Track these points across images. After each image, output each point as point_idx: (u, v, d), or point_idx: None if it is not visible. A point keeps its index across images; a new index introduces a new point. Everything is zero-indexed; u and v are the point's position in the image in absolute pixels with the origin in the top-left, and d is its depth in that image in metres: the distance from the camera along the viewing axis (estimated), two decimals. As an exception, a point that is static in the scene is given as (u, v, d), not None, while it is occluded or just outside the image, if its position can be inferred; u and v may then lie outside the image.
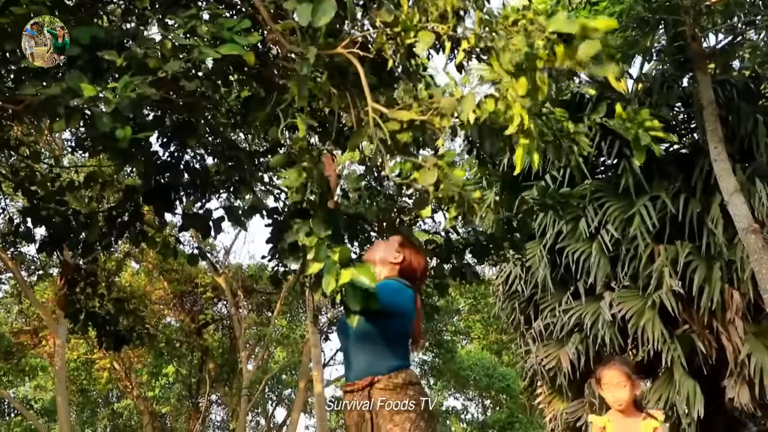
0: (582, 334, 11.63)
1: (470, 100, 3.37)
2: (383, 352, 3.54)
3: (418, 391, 3.48)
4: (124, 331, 6.53)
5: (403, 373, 3.50)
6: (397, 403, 3.41)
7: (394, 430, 3.37)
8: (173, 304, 21.19)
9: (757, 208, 10.59)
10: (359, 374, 3.57)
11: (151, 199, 5.38)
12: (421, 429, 3.39)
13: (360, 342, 3.59)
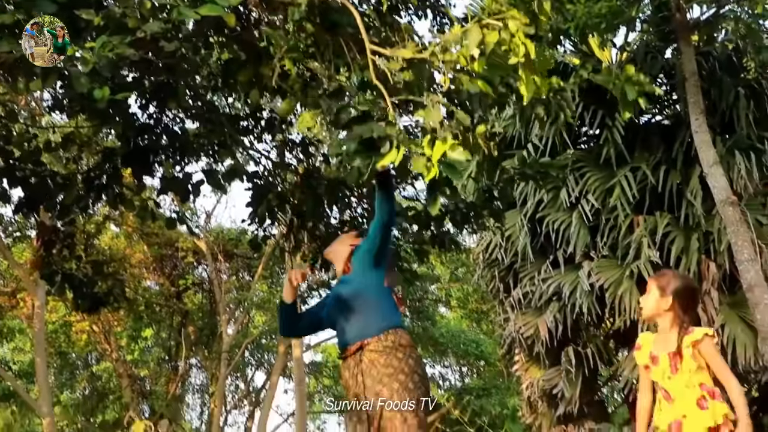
0: (560, 302, 11.71)
1: (475, 31, 3.33)
2: (371, 314, 3.58)
3: (408, 352, 3.52)
4: (101, 293, 6.49)
5: (392, 334, 3.54)
6: (387, 364, 3.44)
7: (383, 391, 3.40)
8: (153, 267, 21.11)
9: (735, 181, 10.66)
10: (352, 339, 3.60)
11: (129, 161, 5.33)
12: (409, 390, 3.42)
13: (348, 307, 3.62)
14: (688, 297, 3.84)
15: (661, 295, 3.80)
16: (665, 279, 3.88)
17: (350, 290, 3.66)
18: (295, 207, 5.96)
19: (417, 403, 3.40)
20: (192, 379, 25.66)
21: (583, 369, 11.73)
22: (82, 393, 24.09)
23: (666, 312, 3.78)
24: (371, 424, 3.38)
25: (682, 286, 3.83)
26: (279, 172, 6.20)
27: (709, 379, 3.71)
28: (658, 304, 3.80)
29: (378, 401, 3.40)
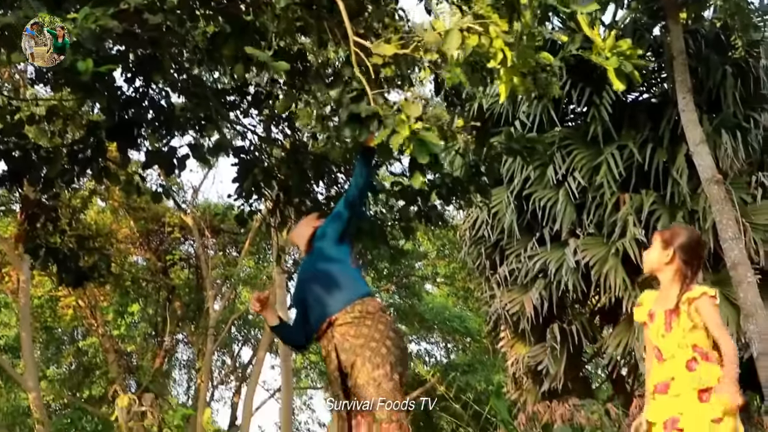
0: (546, 279, 11.75)
1: (455, 35, 3.35)
2: (335, 289, 3.59)
3: (376, 318, 3.52)
4: (86, 268, 6.47)
5: (359, 304, 3.54)
6: (358, 334, 3.46)
7: (356, 360, 3.42)
8: (139, 242, 21.04)
9: (721, 159, 10.70)
10: (320, 318, 3.61)
11: (114, 135, 5.29)
12: (382, 355, 3.43)
13: (313, 287, 3.63)
14: (692, 252, 3.67)
15: (663, 248, 3.66)
16: (669, 232, 3.76)
17: (315, 269, 3.68)
18: (281, 182, 5.95)
19: (391, 367, 3.40)
20: (179, 355, 25.71)
21: (568, 346, 11.80)
22: (69, 368, 24.07)
23: (667, 266, 3.64)
24: (352, 396, 3.40)
25: (686, 240, 3.67)
26: (265, 147, 6.18)
27: (705, 340, 3.54)
28: (660, 258, 3.66)
29: (354, 372, 3.41)
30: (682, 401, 3.47)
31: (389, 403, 3.36)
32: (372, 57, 3.64)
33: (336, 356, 3.48)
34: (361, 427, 3.34)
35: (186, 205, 20.86)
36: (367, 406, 3.35)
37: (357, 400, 3.39)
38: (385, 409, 3.34)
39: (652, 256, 3.72)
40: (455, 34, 3.37)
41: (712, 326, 3.52)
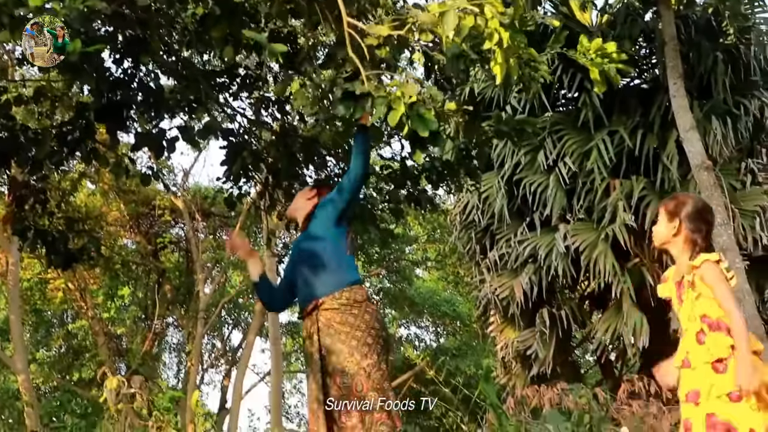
0: (536, 264, 11.78)
1: (452, 16, 3.33)
2: (326, 272, 3.59)
3: (363, 308, 3.53)
4: (75, 250, 6.45)
5: (347, 291, 3.54)
6: (343, 322, 3.46)
7: (342, 349, 3.42)
8: (129, 225, 20.99)
9: (711, 146, 10.73)
10: (307, 299, 3.61)
11: (103, 116, 5.26)
12: (368, 345, 3.44)
13: (304, 267, 3.63)
14: (699, 218, 3.53)
15: (669, 220, 3.56)
16: (673, 202, 3.63)
17: (308, 248, 3.67)
18: (271, 165, 5.93)
19: (378, 356, 3.42)
20: (169, 338, 25.72)
21: (557, 331, 11.85)
22: (58, 351, 24.04)
23: (675, 237, 3.53)
24: (333, 381, 3.41)
25: (692, 207, 3.55)
26: (254, 130, 6.15)
27: (713, 309, 3.36)
28: (667, 230, 3.55)
29: (338, 359, 3.42)
30: (699, 375, 3.33)
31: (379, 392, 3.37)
32: (366, 38, 3.62)
33: (318, 339, 3.49)
34: (352, 417, 3.34)
35: (176, 188, 20.80)
36: (359, 396, 3.36)
37: (336, 385, 3.40)
38: (377, 398, 3.35)
39: (660, 230, 3.62)
40: (452, 15, 3.35)
41: (717, 296, 3.35)
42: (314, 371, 3.48)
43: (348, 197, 3.74)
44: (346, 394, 3.38)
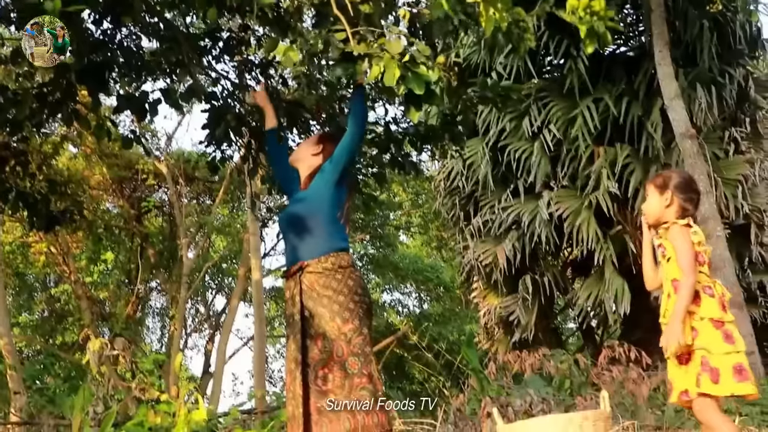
0: (519, 231, 11.84)
1: None
2: (316, 236, 3.58)
3: (347, 273, 3.53)
4: (57, 212, 6.40)
5: (333, 257, 3.55)
6: (326, 286, 3.46)
7: (324, 312, 3.42)
8: (112, 189, 20.85)
9: (695, 114, 10.75)
10: (293, 259, 3.61)
11: (84, 77, 5.18)
12: (350, 310, 3.45)
13: (296, 227, 3.62)
14: (688, 188, 3.64)
15: (660, 193, 3.64)
16: (660, 178, 3.72)
17: (303, 210, 3.65)
18: (254, 129, 5.88)
19: (360, 321, 3.44)
20: (152, 303, 25.69)
21: (540, 297, 11.95)
22: (41, 314, 23.98)
23: (668, 209, 3.61)
24: (314, 343, 3.42)
25: (680, 179, 3.66)
26: (238, 94, 6.09)
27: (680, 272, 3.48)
28: (659, 203, 3.63)
29: (320, 322, 3.43)
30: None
31: (360, 357, 3.38)
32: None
33: (300, 301, 3.49)
34: (329, 381, 3.36)
35: (159, 152, 20.66)
36: (339, 360, 3.37)
37: (317, 348, 3.41)
38: (357, 363, 3.36)
39: (652, 204, 3.68)
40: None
41: (677, 255, 3.49)
42: (294, 332, 3.48)
43: (347, 157, 3.72)
44: (326, 358, 3.39)
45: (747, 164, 11.23)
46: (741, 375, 3.31)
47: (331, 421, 3.31)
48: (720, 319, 3.40)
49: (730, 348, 3.33)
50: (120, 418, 4.22)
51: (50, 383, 19.08)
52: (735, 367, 3.32)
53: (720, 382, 3.30)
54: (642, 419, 6.75)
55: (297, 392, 3.36)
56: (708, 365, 3.32)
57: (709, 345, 3.34)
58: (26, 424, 5.97)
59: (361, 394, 3.32)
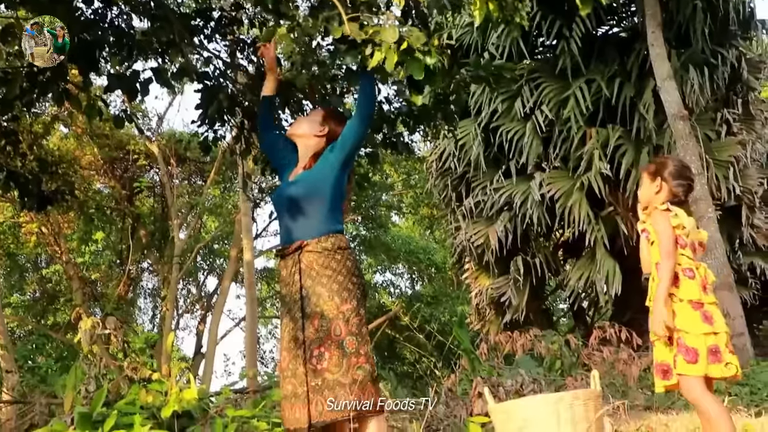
0: (511, 212, 11.85)
1: None
2: (316, 217, 3.58)
3: (345, 255, 3.55)
4: (48, 192, 6.37)
5: (333, 237, 3.55)
6: (326, 266, 3.47)
7: (322, 291, 3.43)
8: (104, 170, 20.76)
9: (688, 95, 10.75)
10: (291, 239, 3.60)
11: (75, 56, 5.14)
12: (348, 290, 3.46)
13: (297, 206, 3.61)
14: (680, 176, 3.70)
15: (651, 180, 3.70)
16: (654, 165, 3.80)
17: (305, 190, 3.61)
18: (246, 109, 5.85)
19: (357, 302, 3.46)
20: (144, 283, 25.66)
21: (531, 278, 11.98)
22: (32, 295, 23.94)
23: (657, 195, 3.68)
24: (311, 323, 3.42)
25: (672, 166, 3.72)
26: (230, 73, 6.06)
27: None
28: (650, 189, 3.70)
29: (318, 301, 3.43)
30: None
31: (358, 336, 3.40)
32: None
33: (299, 279, 3.49)
34: (330, 360, 3.37)
35: (151, 132, 20.57)
36: (336, 339, 3.38)
37: (314, 328, 3.41)
38: (354, 342, 3.38)
39: (643, 191, 3.75)
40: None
41: (657, 239, 3.56)
42: (293, 311, 3.48)
43: (355, 141, 3.69)
44: (323, 337, 3.39)
45: (739, 146, 11.25)
46: (715, 356, 3.38)
47: (326, 399, 3.32)
48: (699, 300, 3.46)
49: (708, 329, 3.39)
50: (112, 397, 4.23)
51: (42, 362, 19.08)
52: (710, 348, 3.39)
53: (698, 362, 3.36)
54: (632, 399, 6.80)
55: (299, 371, 3.37)
56: (684, 345, 3.38)
57: (687, 326, 3.40)
58: (18, 402, 5.97)
59: (358, 373, 3.34)
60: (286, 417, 3.43)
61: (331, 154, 3.70)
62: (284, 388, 3.45)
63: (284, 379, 3.46)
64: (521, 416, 3.42)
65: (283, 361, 3.50)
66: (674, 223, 3.56)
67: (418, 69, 3.32)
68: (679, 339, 3.39)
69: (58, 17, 4.62)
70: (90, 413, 3.44)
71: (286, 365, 3.46)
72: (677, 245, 3.55)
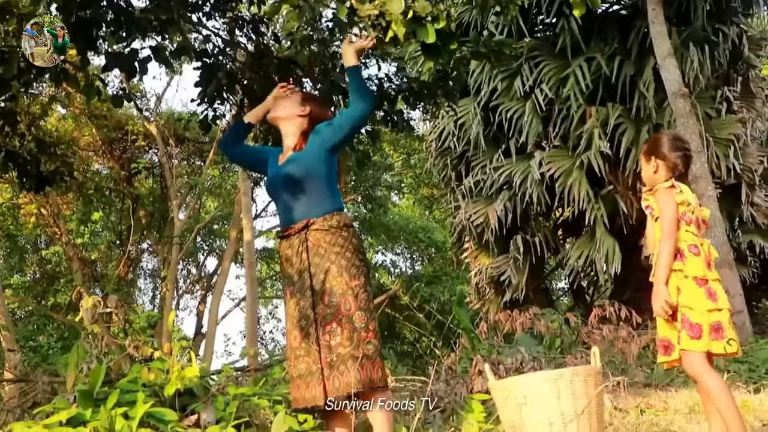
0: (510, 191, 11.84)
1: None
2: (318, 195, 3.58)
3: (352, 233, 3.57)
4: (47, 173, 6.36)
5: (338, 215, 3.56)
6: (333, 242, 3.48)
7: (331, 268, 3.44)
8: (102, 151, 20.72)
9: (688, 73, 10.71)
10: (297, 217, 3.60)
11: (72, 35, 5.11)
12: (356, 266, 3.48)
13: (296, 186, 3.61)
14: (674, 147, 3.67)
15: (646, 161, 3.67)
16: (648, 144, 3.76)
17: (302, 169, 3.61)
18: (246, 87, 5.84)
19: (364, 278, 3.48)
20: (143, 264, 25.70)
21: (531, 257, 11.98)
22: (33, 276, 23.98)
23: (657, 174, 3.65)
24: (320, 299, 3.43)
25: (666, 139, 3.70)
26: (229, 51, 6.03)
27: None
28: (648, 169, 3.66)
29: (327, 278, 3.44)
30: None
31: (366, 312, 3.42)
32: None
33: (307, 257, 3.50)
34: (342, 335, 3.38)
35: (149, 113, 20.52)
36: (346, 315, 3.39)
37: (323, 304, 3.42)
38: (364, 318, 3.40)
39: (645, 173, 3.72)
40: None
41: (660, 217, 3.55)
42: (302, 289, 3.49)
43: (347, 132, 3.68)
44: (333, 312, 3.41)
45: (739, 124, 11.22)
46: (717, 333, 3.39)
47: (342, 374, 3.35)
48: (704, 277, 3.45)
49: (711, 305, 3.39)
50: (114, 375, 4.24)
51: (43, 342, 19.14)
52: (713, 324, 3.39)
53: (701, 338, 3.37)
54: (632, 377, 6.82)
55: (313, 348, 3.39)
56: (688, 321, 3.38)
57: (691, 302, 3.40)
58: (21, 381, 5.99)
59: (367, 347, 3.37)
60: (300, 396, 3.43)
61: (318, 136, 3.69)
62: (296, 367, 3.46)
63: (296, 359, 3.47)
64: (521, 393, 3.43)
65: (293, 340, 3.50)
66: (679, 199, 3.54)
67: (429, 33, 3.31)
68: (684, 315, 3.39)
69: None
70: (91, 391, 3.44)
71: (298, 344, 3.46)
72: (682, 222, 3.53)
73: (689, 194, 3.61)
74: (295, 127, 3.78)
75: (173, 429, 3.37)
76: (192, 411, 3.72)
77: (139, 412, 3.30)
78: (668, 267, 3.45)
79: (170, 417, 3.45)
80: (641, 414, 4.93)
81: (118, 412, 3.27)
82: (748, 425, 3.90)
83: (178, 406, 3.73)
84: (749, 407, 4.81)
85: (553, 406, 3.36)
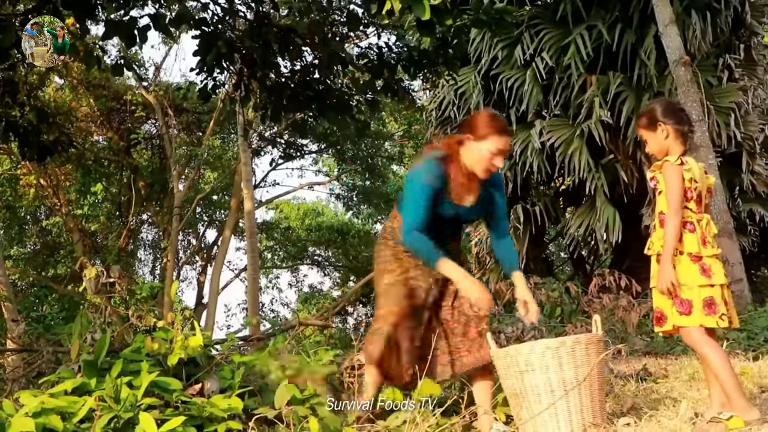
0: (511, 160, 11.81)
1: None
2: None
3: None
4: (48, 142, 6.34)
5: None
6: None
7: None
8: (101, 121, 20.62)
9: (689, 41, 10.64)
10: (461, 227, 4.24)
11: (70, 3, 5.08)
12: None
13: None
14: (673, 112, 3.64)
15: (653, 130, 3.63)
16: (644, 117, 3.71)
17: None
18: (245, 56, 5.80)
19: None
20: (144, 235, 25.71)
21: (531, 226, 11.98)
22: (33, 247, 23.99)
23: (665, 141, 3.60)
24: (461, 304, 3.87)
25: (661, 106, 3.67)
26: (228, 20, 5.99)
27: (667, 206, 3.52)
28: (658, 139, 3.62)
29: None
30: (652, 265, 3.59)
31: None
32: None
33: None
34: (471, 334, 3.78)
35: (148, 83, 20.40)
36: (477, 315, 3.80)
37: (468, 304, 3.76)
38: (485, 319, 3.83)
39: (652, 144, 3.68)
40: None
41: (666, 191, 3.53)
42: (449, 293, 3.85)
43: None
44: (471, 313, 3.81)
45: (740, 92, 11.17)
46: (710, 309, 3.42)
47: (481, 346, 3.74)
48: (698, 253, 3.47)
49: (704, 281, 3.41)
50: (117, 345, 4.25)
51: (46, 312, 19.22)
52: (705, 300, 3.42)
53: (692, 314, 3.41)
54: (631, 345, 6.86)
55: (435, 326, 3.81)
56: (678, 297, 3.42)
57: (684, 278, 3.43)
58: (25, 351, 6.02)
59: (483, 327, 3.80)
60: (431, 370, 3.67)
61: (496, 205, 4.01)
62: (402, 344, 3.68)
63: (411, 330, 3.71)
64: (524, 360, 3.45)
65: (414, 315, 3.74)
66: (687, 177, 3.52)
67: (424, 9, 3.32)
68: (676, 290, 3.43)
69: (54, -37, 4.56)
70: (96, 361, 3.45)
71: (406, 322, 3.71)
72: (685, 198, 3.52)
73: (696, 170, 3.58)
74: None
75: (177, 398, 3.39)
76: (196, 380, 3.74)
77: (144, 382, 3.31)
78: (674, 245, 3.45)
79: (175, 386, 3.46)
80: (641, 381, 4.95)
81: (123, 381, 3.28)
82: (747, 392, 3.92)
83: (184, 375, 3.74)
84: (748, 374, 4.84)
85: (555, 373, 3.38)
